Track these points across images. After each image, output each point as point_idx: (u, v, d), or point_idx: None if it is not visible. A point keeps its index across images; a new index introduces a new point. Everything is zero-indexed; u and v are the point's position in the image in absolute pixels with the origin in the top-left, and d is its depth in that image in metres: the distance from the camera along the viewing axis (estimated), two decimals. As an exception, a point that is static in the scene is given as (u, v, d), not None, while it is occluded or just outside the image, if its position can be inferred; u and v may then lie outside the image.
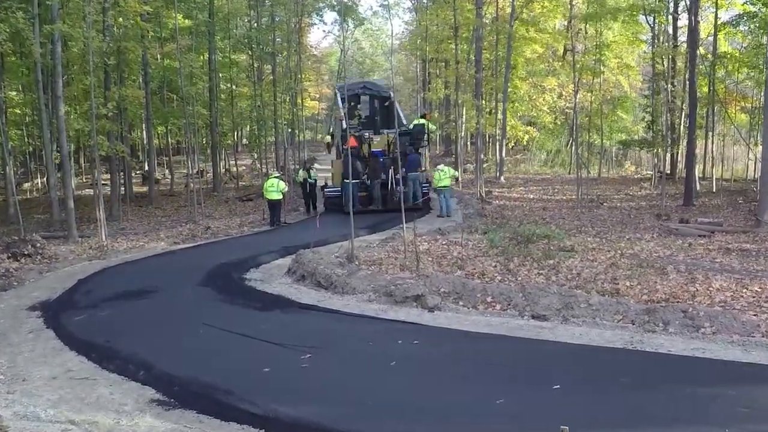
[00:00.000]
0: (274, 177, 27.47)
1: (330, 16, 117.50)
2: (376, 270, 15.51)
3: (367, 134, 29.79)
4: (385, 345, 10.55)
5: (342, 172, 27.78)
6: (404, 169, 26.04)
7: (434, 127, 35.87)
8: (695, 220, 22.91)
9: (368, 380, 9.14)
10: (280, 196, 26.98)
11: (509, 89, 43.43)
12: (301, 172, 31.62)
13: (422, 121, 31.32)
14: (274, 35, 41.06)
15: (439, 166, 29.06)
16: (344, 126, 27.57)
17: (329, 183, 30.78)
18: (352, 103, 31.19)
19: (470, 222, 24.33)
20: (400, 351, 10.17)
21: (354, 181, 25.89)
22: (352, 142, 27.40)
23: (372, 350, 10.41)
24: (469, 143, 53.79)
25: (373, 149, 29.28)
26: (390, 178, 27.67)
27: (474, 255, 17.01)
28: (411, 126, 31.48)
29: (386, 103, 34.20)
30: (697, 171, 34.00)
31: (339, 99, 32.45)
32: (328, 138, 35.98)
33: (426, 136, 31.56)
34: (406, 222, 17.81)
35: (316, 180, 31.11)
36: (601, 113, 40.77)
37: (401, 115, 32.22)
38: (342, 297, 13.99)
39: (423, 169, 30.42)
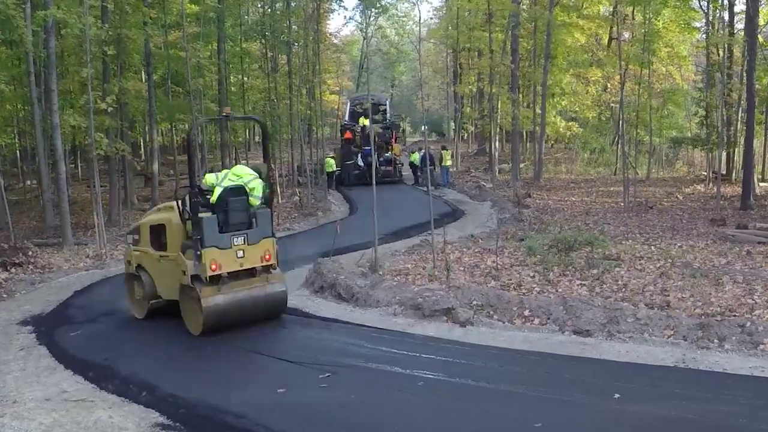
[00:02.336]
0: (330, 157, 43.92)
1: (351, 0, 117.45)
2: (402, 281, 15.49)
3: (358, 128, 45.52)
4: (411, 363, 10.51)
5: (340, 157, 44.96)
6: (388, 154, 43.65)
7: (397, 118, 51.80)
8: (754, 226, 22.71)
9: (393, 402, 9.10)
10: (333, 169, 42.90)
11: (549, 81, 43.30)
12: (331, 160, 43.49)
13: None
14: (289, 22, 41.08)
15: (443, 151, 42.63)
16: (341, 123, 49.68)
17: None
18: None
19: (506, 228, 24.27)
20: (428, 370, 10.14)
21: (349, 162, 43.48)
22: (347, 135, 45.52)
23: (397, 369, 10.36)
24: (504, 141, 53.70)
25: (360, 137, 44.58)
26: (374, 160, 35.63)
27: (510, 264, 16.97)
28: (387, 123, 46.96)
29: (382, 109, 48.91)
30: (756, 171, 33.74)
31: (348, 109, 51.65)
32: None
33: (400, 129, 49.82)
34: (435, 228, 17.79)
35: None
36: (649, 108, 40.57)
37: (388, 117, 49.43)
38: (365, 310, 13.99)
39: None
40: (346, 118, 50.76)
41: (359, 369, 10.47)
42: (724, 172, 37.37)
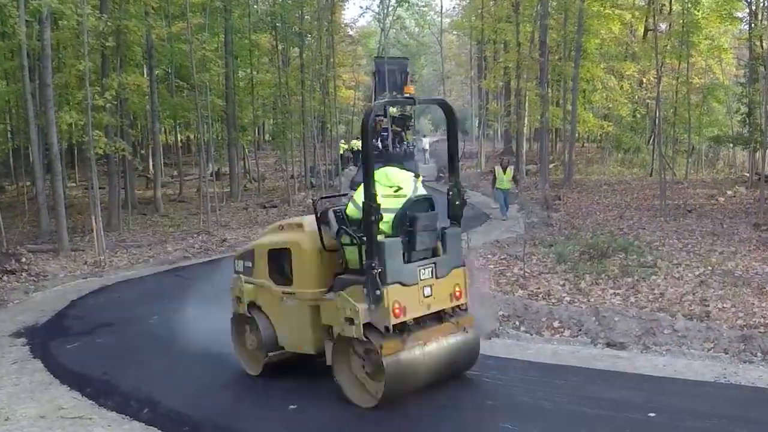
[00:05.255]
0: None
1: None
2: (422, 289, 15.48)
3: (379, 116, 48.38)
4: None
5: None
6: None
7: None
8: (800, 231, 22.61)
9: (414, 421, 9.10)
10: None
11: (580, 76, 43.09)
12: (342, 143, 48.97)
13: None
14: (302, 12, 41.10)
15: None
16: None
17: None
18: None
19: (533, 233, 24.22)
20: (449, 385, 10.12)
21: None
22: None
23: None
24: (532, 139, 53.61)
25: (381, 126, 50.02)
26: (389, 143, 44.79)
27: (538, 272, 16.93)
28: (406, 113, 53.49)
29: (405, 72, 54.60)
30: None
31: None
32: None
33: (412, 119, 57.74)
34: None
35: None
36: (688, 104, 40.38)
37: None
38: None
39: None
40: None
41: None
42: (768, 173, 37.14)
